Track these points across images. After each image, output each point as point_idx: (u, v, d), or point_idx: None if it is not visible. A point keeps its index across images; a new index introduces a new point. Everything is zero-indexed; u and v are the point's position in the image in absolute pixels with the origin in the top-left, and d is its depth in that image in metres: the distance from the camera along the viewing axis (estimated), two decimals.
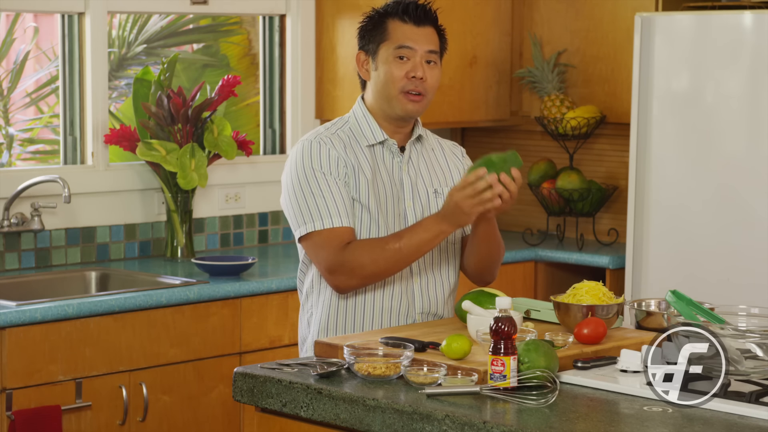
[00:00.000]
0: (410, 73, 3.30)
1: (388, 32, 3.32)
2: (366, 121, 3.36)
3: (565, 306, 3.14)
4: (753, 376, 2.66)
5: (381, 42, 3.32)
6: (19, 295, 4.27)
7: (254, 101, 5.54)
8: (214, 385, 4.34)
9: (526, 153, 5.78)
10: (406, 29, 3.32)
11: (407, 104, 3.31)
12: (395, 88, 3.30)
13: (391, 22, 3.33)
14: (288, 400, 2.85)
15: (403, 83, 3.30)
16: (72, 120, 4.83)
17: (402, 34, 3.31)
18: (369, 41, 3.36)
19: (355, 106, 3.41)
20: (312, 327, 3.37)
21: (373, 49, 3.34)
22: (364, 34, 3.38)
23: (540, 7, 5.54)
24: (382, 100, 3.34)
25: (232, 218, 5.18)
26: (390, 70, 3.30)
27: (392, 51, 3.30)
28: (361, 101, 3.40)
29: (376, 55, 3.33)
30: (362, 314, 3.33)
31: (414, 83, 3.30)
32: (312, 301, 3.37)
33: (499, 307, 2.77)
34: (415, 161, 3.40)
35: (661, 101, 4.77)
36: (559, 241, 5.47)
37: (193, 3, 5.09)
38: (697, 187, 4.71)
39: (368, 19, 3.39)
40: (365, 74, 3.38)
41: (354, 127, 3.37)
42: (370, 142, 3.35)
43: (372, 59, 3.35)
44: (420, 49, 3.31)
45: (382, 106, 3.35)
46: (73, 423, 4.01)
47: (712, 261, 4.66)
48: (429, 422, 2.61)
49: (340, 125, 3.38)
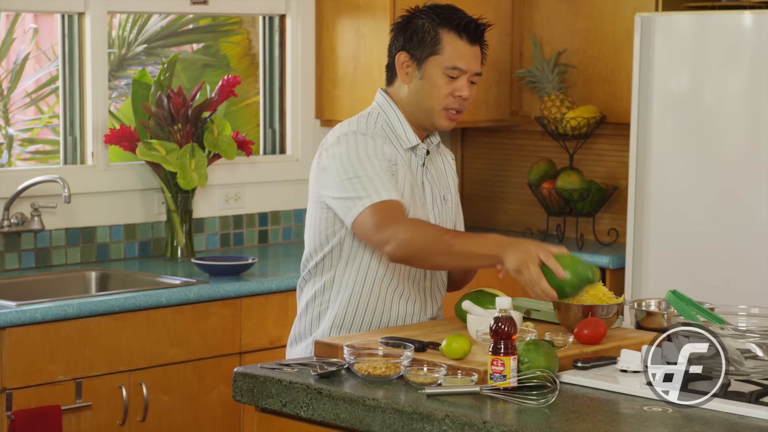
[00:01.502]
0: (456, 92, 3.27)
1: (442, 46, 3.26)
2: (399, 122, 3.33)
3: (565, 306, 3.14)
4: (753, 376, 2.66)
5: (432, 54, 3.27)
6: (19, 295, 4.27)
7: (254, 101, 5.54)
8: (214, 385, 4.34)
9: (526, 153, 5.79)
10: (460, 47, 3.27)
11: (446, 121, 3.30)
12: (439, 105, 3.28)
13: (446, 35, 3.27)
14: (288, 400, 2.85)
15: (448, 101, 3.28)
16: (72, 120, 4.83)
17: (456, 53, 3.26)
18: (417, 47, 3.29)
19: (382, 102, 3.36)
20: (323, 323, 3.33)
21: (420, 56, 3.28)
22: (411, 37, 3.31)
23: (540, 7, 5.54)
24: (419, 109, 3.31)
25: (232, 218, 5.18)
26: (438, 86, 3.27)
27: (444, 68, 3.26)
28: (389, 98, 3.36)
29: (424, 63, 3.28)
30: (380, 316, 3.32)
31: (458, 102, 3.28)
32: (330, 296, 3.32)
33: (499, 307, 2.77)
34: (430, 167, 3.40)
35: (661, 101, 4.77)
36: (559, 241, 5.47)
37: (193, 3, 5.09)
38: (696, 186, 4.71)
39: (413, 22, 3.31)
40: (405, 78, 3.32)
41: (386, 126, 3.33)
42: (405, 146, 3.32)
43: (417, 66, 3.29)
44: (470, 70, 3.28)
45: (417, 115, 3.32)
46: (73, 423, 4.01)
47: (712, 261, 4.66)
48: (429, 422, 2.61)
49: (373, 121, 3.32)
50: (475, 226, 5.93)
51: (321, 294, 3.35)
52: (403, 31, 3.33)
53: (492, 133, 5.86)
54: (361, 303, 3.31)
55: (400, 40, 3.33)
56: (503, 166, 5.89)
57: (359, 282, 3.30)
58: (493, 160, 5.91)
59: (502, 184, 5.88)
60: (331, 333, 3.31)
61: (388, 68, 3.39)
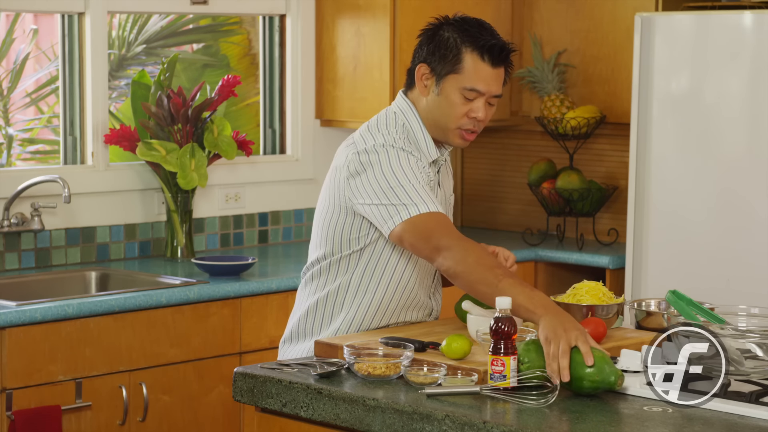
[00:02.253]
0: (471, 113, 3.23)
1: (463, 65, 3.22)
2: (423, 134, 3.29)
3: (565, 306, 3.15)
4: (753, 376, 2.66)
5: (452, 71, 3.22)
6: (19, 295, 4.27)
7: (254, 101, 5.54)
8: (214, 385, 4.34)
9: (526, 153, 5.79)
10: (481, 69, 3.22)
11: (459, 140, 3.27)
12: (453, 124, 3.24)
13: (469, 54, 3.22)
14: (288, 400, 2.85)
15: (462, 121, 3.24)
16: (72, 120, 4.83)
17: (476, 75, 3.21)
18: (438, 62, 3.24)
19: (405, 108, 3.30)
20: (335, 323, 3.30)
21: (440, 71, 3.24)
22: (433, 51, 3.26)
23: (540, 7, 5.54)
24: (434, 125, 3.28)
25: (232, 218, 5.18)
26: (453, 105, 3.23)
27: (461, 88, 3.22)
28: (412, 106, 3.30)
29: (443, 80, 3.24)
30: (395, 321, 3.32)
31: (473, 123, 3.24)
32: (345, 298, 3.29)
33: (499, 307, 2.77)
34: (441, 173, 3.40)
35: (661, 101, 4.77)
36: (559, 241, 5.47)
37: (193, 3, 5.09)
38: (696, 186, 4.71)
39: (439, 34, 3.26)
40: (423, 90, 3.28)
41: (411, 137, 3.28)
42: (428, 159, 3.30)
43: (436, 81, 3.25)
44: (489, 92, 3.23)
45: (433, 130, 3.29)
46: (73, 423, 4.01)
47: (712, 260, 4.66)
48: (429, 422, 2.61)
49: (400, 132, 3.27)
50: (475, 225, 5.93)
51: (335, 294, 3.31)
52: (428, 41, 3.28)
53: (492, 133, 5.86)
54: (381, 309, 3.29)
55: (423, 50, 3.28)
56: (503, 166, 5.89)
57: (381, 288, 3.28)
58: (493, 160, 5.91)
59: (502, 184, 5.88)
60: (339, 334, 3.30)
61: (408, 73, 3.34)
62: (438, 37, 3.26)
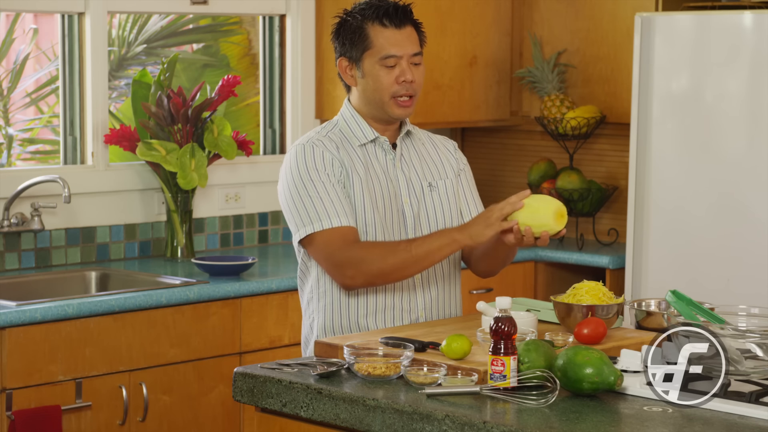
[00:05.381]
0: (399, 78, 3.30)
1: (371, 40, 3.30)
2: (355, 121, 3.37)
3: (565, 306, 3.15)
4: (753, 376, 2.66)
5: (364, 50, 3.31)
6: (19, 295, 4.27)
7: (254, 101, 5.54)
8: (214, 385, 4.34)
9: (526, 153, 5.79)
10: (388, 35, 3.30)
11: (398, 109, 3.33)
12: (386, 95, 3.31)
13: (371, 27, 3.30)
14: (288, 400, 2.85)
15: (393, 89, 3.30)
16: (72, 120, 4.83)
17: (385, 41, 3.29)
18: (350, 48, 3.33)
19: (343, 109, 3.41)
20: (315, 331, 3.37)
21: (356, 56, 3.32)
22: (343, 41, 3.35)
23: (540, 7, 5.54)
24: (371, 106, 3.35)
25: (232, 218, 5.18)
26: (379, 79, 3.30)
27: (378, 60, 3.29)
28: (348, 103, 3.41)
29: (361, 62, 3.32)
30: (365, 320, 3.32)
31: (405, 87, 3.31)
32: (313, 308, 3.37)
33: (499, 307, 2.77)
34: (407, 157, 3.41)
35: (661, 101, 4.77)
36: (559, 241, 5.48)
37: (193, 3, 5.09)
38: (696, 186, 4.71)
39: (344, 24, 3.35)
40: (350, 81, 3.37)
41: (344, 129, 3.37)
42: (362, 142, 3.36)
43: (357, 67, 3.33)
44: (405, 53, 3.30)
45: (372, 111, 3.36)
46: (73, 423, 4.01)
47: (712, 260, 4.66)
48: (429, 422, 2.61)
49: (330, 128, 3.38)
50: None
51: (311, 303, 3.39)
52: (337, 36, 3.38)
53: (492, 133, 5.86)
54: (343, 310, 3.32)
55: (337, 47, 3.38)
56: (503, 166, 5.89)
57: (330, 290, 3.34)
58: (493, 160, 5.91)
59: (502, 184, 5.88)
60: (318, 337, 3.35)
61: (340, 78, 3.43)
62: (344, 29, 3.35)
